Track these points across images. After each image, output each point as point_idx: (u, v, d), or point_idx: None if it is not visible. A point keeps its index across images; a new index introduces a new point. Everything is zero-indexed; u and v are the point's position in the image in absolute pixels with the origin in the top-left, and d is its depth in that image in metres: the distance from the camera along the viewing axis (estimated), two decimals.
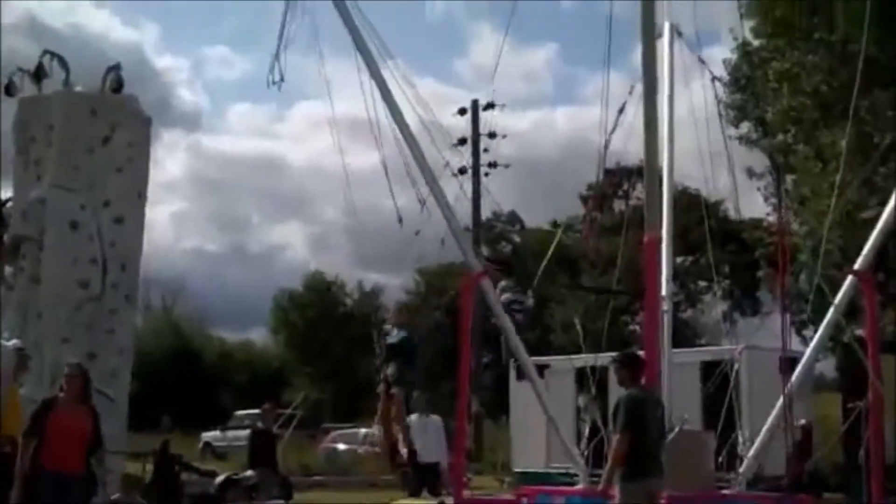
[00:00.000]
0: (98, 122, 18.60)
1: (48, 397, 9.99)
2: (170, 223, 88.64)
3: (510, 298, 14.77)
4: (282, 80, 12.71)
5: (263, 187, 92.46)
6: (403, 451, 15.02)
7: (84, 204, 18.19)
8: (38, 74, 18.98)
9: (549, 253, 14.94)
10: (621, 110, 13.39)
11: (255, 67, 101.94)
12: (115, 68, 19.36)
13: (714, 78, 13.96)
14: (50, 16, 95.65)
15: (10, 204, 19.04)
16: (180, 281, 64.95)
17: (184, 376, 51.47)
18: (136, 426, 20.27)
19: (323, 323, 59.37)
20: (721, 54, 29.68)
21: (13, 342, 14.60)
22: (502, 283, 14.83)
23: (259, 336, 66.52)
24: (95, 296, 18.07)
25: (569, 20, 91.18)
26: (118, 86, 19.15)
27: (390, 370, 11.89)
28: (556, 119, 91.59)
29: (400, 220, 12.79)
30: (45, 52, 19.20)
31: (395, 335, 12.34)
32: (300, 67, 17.53)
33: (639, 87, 12.01)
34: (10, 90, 18.89)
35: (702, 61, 14.20)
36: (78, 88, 19.17)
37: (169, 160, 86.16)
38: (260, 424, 15.55)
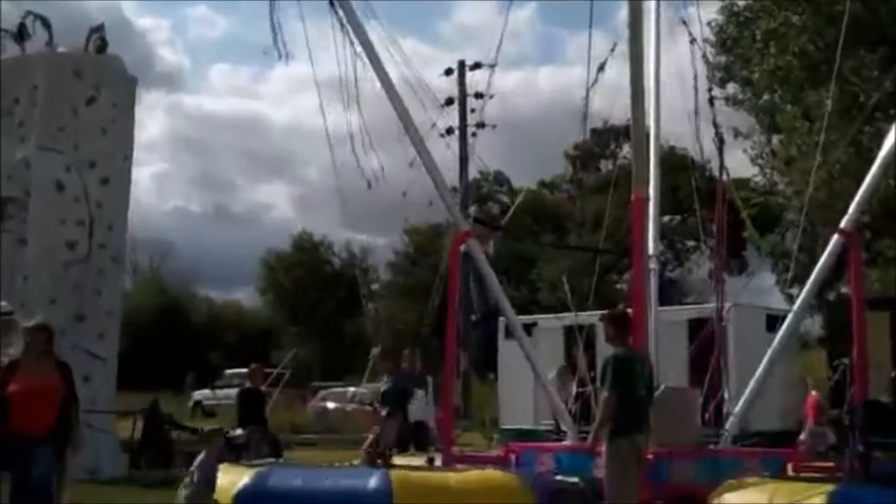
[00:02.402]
0: (82, 83, 18.50)
1: (12, 359, 9.53)
2: (152, 184, 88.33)
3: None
4: (286, 53, 12.54)
5: (246, 147, 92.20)
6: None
7: (69, 165, 18.13)
8: (21, 35, 18.85)
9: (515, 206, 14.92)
10: (602, 67, 13.38)
11: (236, 27, 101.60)
12: (99, 29, 19.24)
13: (692, 40, 13.91)
14: None
15: None
16: (166, 242, 64.82)
17: (172, 336, 51.52)
18: (126, 385, 20.31)
19: (311, 283, 59.45)
20: (708, 15, 29.58)
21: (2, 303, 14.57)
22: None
23: (247, 296, 66.62)
24: (82, 257, 18.05)
25: None
26: (102, 46, 19.03)
27: (384, 412, 11.92)
28: (539, 79, 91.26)
29: (369, 185, 12.72)
30: (28, 13, 19.06)
31: (385, 382, 12.34)
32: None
33: (621, 46, 12.01)
34: None
35: (683, 22, 14.16)
36: (61, 49, 19.04)
37: (150, 120, 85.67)
38: (248, 384, 15.58)
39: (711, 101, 12.75)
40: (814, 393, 18.18)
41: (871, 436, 11.25)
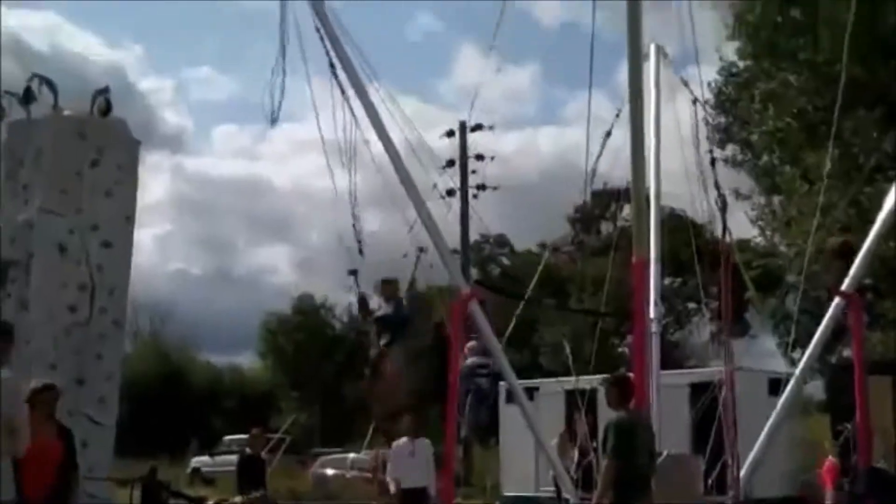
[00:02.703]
0: (86, 146, 18.56)
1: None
2: (153, 246, 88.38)
3: (476, 363, 14.75)
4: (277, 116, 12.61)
5: (248, 209, 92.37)
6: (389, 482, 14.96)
7: (72, 228, 18.14)
8: (27, 98, 18.94)
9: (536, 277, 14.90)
10: (608, 134, 13.48)
11: (240, 88, 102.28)
12: (104, 92, 19.34)
13: (695, 100, 13.99)
14: (32, 36, 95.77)
15: None
16: (167, 304, 64.74)
17: (172, 401, 51.24)
18: (125, 451, 20.16)
19: (311, 346, 59.23)
20: (707, 74, 29.83)
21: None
22: (470, 344, 14.65)
23: (247, 360, 66.36)
24: (83, 321, 17.99)
25: (550, 40, 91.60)
26: (107, 109, 19.13)
27: (383, 341, 11.80)
28: (540, 140, 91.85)
29: (361, 252, 12.75)
30: (34, 75, 19.16)
31: (383, 308, 12.22)
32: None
33: (625, 110, 12.09)
34: None
35: (684, 83, 14.26)
36: (66, 112, 19.16)
37: (152, 182, 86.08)
38: (248, 450, 15.46)
39: (713, 161, 12.80)
40: (830, 458, 18.01)
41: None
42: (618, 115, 13.50)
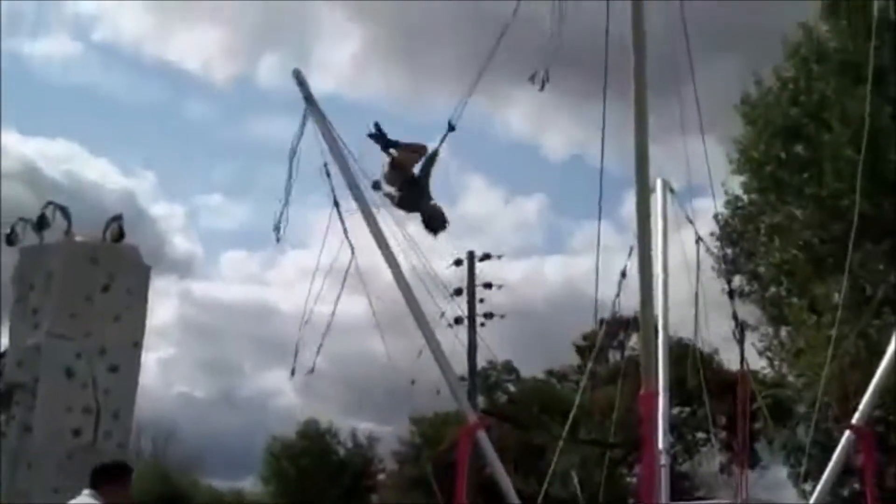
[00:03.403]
0: (97, 271, 18.74)
1: None
2: (158, 369, 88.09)
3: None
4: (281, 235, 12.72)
5: (254, 334, 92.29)
6: None
7: (80, 352, 18.20)
8: (41, 224, 19.21)
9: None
10: (623, 275, 13.59)
11: (249, 215, 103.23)
12: (117, 219, 19.62)
13: (699, 240, 14.15)
14: (47, 163, 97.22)
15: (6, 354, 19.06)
16: (170, 426, 64.31)
17: None
18: None
19: (316, 472, 58.60)
20: (712, 206, 30.15)
21: None
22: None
23: (250, 484, 65.50)
24: (88, 444, 17.91)
25: (557, 172, 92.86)
26: (119, 235, 19.38)
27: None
28: (547, 268, 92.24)
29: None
30: (49, 203, 19.50)
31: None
32: (292, 216, 17.73)
33: (630, 239, 12.20)
34: (11, 239, 19.11)
35: (690, 221, 14.42)
36: (78, 238, 19.38)
37: (159, 306, 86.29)
38: None
39: (731, 294, 12.87)
40: None
41: None
42: (630, 255, 13.61)
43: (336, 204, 12.47)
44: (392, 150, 11.99)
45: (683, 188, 14.53)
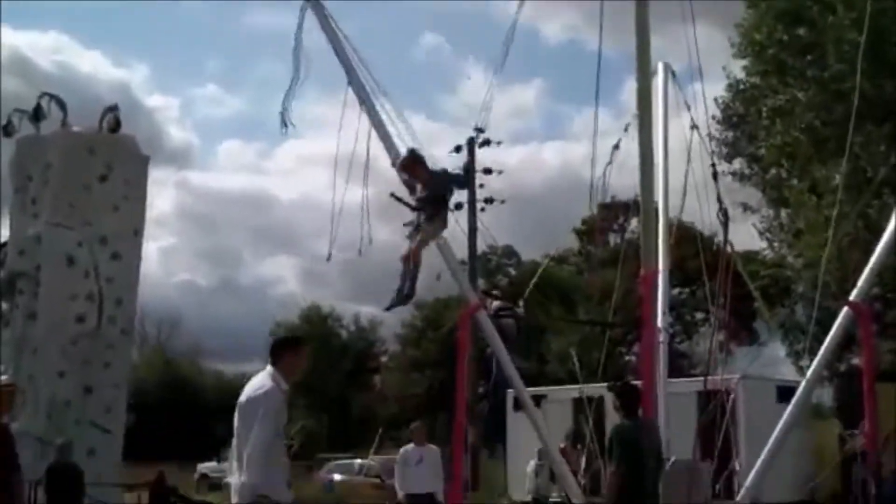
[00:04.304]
0: (95, 161, 18.73)
1: None
2: (160, 258, 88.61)
3: (500, 305, 14.55)
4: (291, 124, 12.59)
5: (253, 223, 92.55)
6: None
7: (80, 240, 18.27)
8: (37, 115, 19.15)
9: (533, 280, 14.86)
10: (616, 146, 13.50)
11: (244, 105, 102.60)
12: (113, 109, 19.54)
13: (693, 126, 14.03)
14: (39, 55, 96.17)
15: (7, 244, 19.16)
16: (174, 313, 64.96)
17: (179, 408, 51.35)
18: (131, 458, 20.21)
19: (319, 355, 59.33)
20: (714, 92, 29.90)
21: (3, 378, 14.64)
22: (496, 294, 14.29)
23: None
24: (91, 331, 18.12)
25: (555, 57, 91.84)
26: (116, 126, 19.30)
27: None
28: (545, 154, 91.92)
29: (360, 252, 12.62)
30: (44, 93, 19.38)
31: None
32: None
33: (633, 123, 12.13)
34: (8, 130, 19.04)
35: (687, 106, 14.26)
36: (75, 129, 19.30)
37: (158, 197, 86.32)
38: None
39: (715, 175, 12.81)
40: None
41: None
42: (626, 130, 13.54)
43: (349, 75, 12.28)
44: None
45: (684, 70, 14.37)
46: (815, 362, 12.58)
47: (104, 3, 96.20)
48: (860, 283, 12.04)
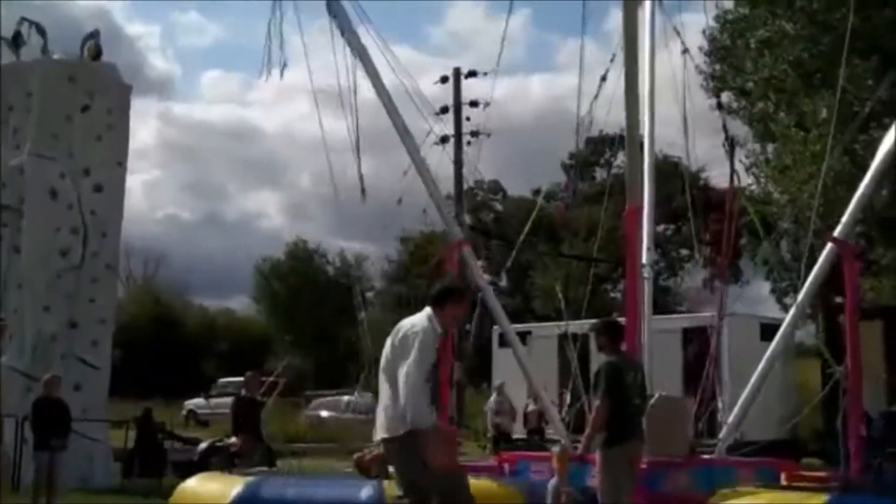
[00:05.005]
0: (77, 90, 18.49)
1: None
2: (143, 191, 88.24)
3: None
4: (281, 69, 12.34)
5: (237, 155, 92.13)
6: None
7: (63, 172, 18.12)
8: (17, 42, 18.84)
9: (529, 222, 14.87)
10: (604, 78, 13.36)
11: (227, 33, 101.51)
12: (94, 36, 19.24)
13: (685, 51, 13.89)
14: None
15: None
16: (159, 249, 64.88)
17: (166, 344, 51.45)
18: (118, 394, 20.29)
19: (305, 291, 59.36)
20: (702, 23, 29.63)
21: None
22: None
23: (240, 305, 66.54)
24: (76, 264, 18.03)
25: None
26: (97, 53, 19.03)
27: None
28: (532, 86, 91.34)
29: (363, 192, 12.51)
30: (23, 19, 19.05)
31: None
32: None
33: (619, 54, 12.00)
34: None
35: (676, 32, 14.12)
36: (56, 56, 19.03)
37: (141, 128, 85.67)
38: (243, 392, 15.50)
39: (720, 105, 12.70)
40: None
41: (888, 447, 11.20)
42: (612, 60, 13.39)
43: (334, 10, 12.09)
44: None
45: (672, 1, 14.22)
46: (798, 299, 12.63)
47: None
48: (844, 219, 12.06)
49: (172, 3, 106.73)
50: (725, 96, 28.96)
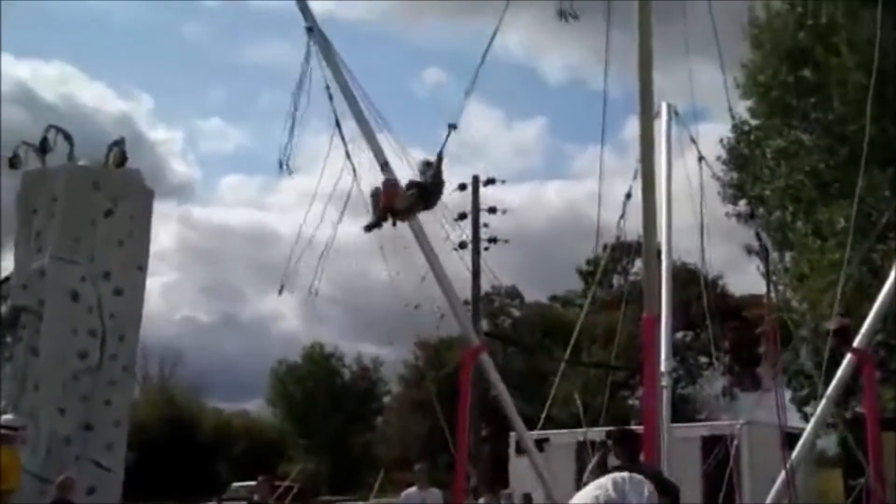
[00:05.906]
0: (101, 196, 18.75)
1: None
2: (161, 293, 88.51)
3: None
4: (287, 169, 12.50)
5: (255, 258, 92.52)
6: None
7: (84, 275, 18.26)
8: (44, 148, 19.19)
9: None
10: (629, 196, 13.48)
11: (248, 139, 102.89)
12: (119, 143, 19.58)
13: (701, 158, 14.06)
14: (43, 86, 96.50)
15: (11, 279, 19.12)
16: (176, 350, 64.85)
17: (180, 446, 51.12)
18: (131, 497, 20.10)
19: (320, 395, 59.12)
20: (719, 131, 29.96)
21: (6, 417, 14.63)
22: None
23: (256, 407, 66.22)
24: (93, 367, 18.06)
25: (557, 96, 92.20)
26: (122, 160, 19.34)
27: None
28: (548, 193, 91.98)
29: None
30: (50, 126, 19.44)
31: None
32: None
33: (640, 169, 12.12)
34: (13, 163, 19.08)
35: (692, 140, 14.30)
36: (81, 162, 19.34)
37: (160, 231, 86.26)
38: (255, 497, 15.36)
39: (752, 215, 12.78)
40: None
41: None
42: (635, 177, 13.54)
43: (338, 124, 12.31)
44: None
45: (687, 109, 14.41)
46: (819, 408, 12.51)
47: (108, 33, 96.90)
48: (864, 329, 12.00)
49: (195, 108, 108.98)
50: (742, 204, 29.18)
